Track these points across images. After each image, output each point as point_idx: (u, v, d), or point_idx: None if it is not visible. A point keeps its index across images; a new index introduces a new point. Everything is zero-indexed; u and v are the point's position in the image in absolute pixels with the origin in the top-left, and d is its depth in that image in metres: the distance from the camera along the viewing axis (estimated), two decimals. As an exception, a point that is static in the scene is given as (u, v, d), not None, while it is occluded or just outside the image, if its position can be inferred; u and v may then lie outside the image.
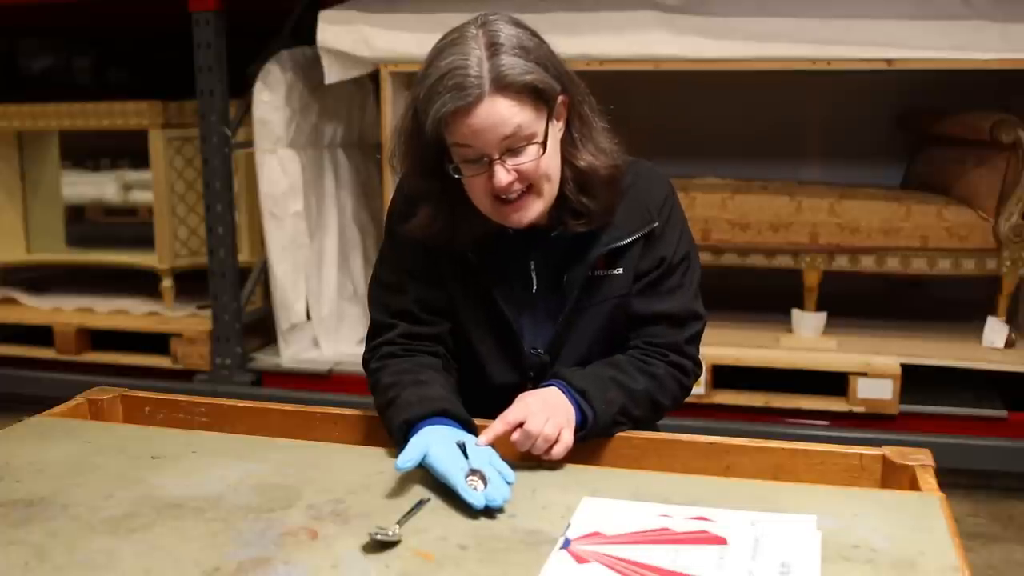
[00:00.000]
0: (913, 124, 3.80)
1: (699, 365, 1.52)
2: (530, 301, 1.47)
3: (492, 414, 1.33)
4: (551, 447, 1.29)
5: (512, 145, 1.30)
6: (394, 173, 1.50)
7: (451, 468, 1.19)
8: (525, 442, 1.29)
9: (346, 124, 3.93)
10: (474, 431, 1.31)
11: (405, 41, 3.27)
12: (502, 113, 1.27)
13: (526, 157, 1.31)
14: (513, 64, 1.27)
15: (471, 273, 1.45)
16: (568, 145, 1.39)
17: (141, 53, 6.00)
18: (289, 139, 3.59)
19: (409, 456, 1.21)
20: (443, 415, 1.30)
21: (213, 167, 3.57)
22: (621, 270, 1.45)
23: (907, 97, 3.82)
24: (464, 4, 2.95)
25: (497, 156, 1.30)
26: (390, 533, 1.07)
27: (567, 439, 1.30)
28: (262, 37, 3.74)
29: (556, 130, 1.37)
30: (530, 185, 1.34)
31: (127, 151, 4.72)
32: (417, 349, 1.46)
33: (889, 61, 3.02)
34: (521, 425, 1.29)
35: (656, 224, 1.45)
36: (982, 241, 3.15)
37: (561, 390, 1.37)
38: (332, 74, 3.42)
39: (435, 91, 1.28)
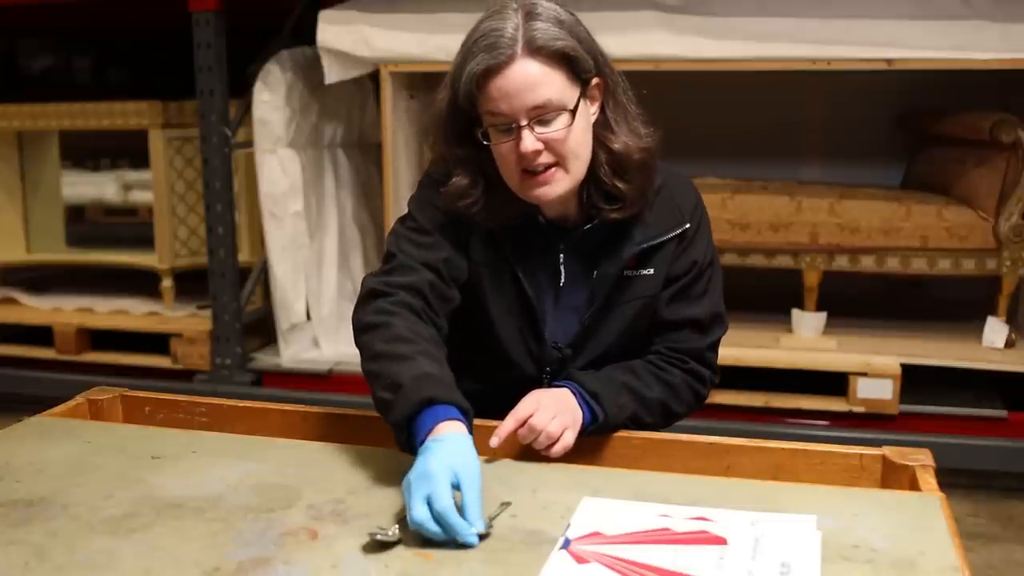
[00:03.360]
0: (913, 124, 3.80)
1: (717, 373, 1.53)
2: (556, 294, 1.47)
3: (504, 409, 1.33)
4: (552, 445, 1.30)
5: (541, 113, 1.31)
6: (429, 149, 1.50)
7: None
8: (528, 435, 1.30)
9: (346, 124, 3.93)
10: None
11: (405, 41, 3.27)
12: (533, 76, 1.29)
13: (555, 126, 1.32)
14: (547, 29, 1.30)
15: (501, 259, 1.45)
16: (602, 128, 1.40)
17: (141, 53, 6.00)
18: (289, 139, 3.59)
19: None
20: (462, 413, 1.23)
21: (213, 167, 3.57)
22: (652, 270, 1.45)
23: (907, 97, 3.82)
24: (464, 4, 2.96)
25: (525, 122, 1.31)
26: (390, 533, 1.07)
27: (568, 440, 1.31)
28: (262, 37, 3.74)
29: (589, 111, 1.37)
30: (557, 161, 1.34)
31: (127, 151, 4.72)
32: (434, 318, 1.38)
33: (889, 61, 3.02)
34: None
35: (688, 226, 1.46)
36: (982, 241, 3.14)
37: (573, 393, 1.37)
38: (332, 74, 3.41)
39: (470, 52, 1.31)
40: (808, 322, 3.32)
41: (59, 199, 4.47)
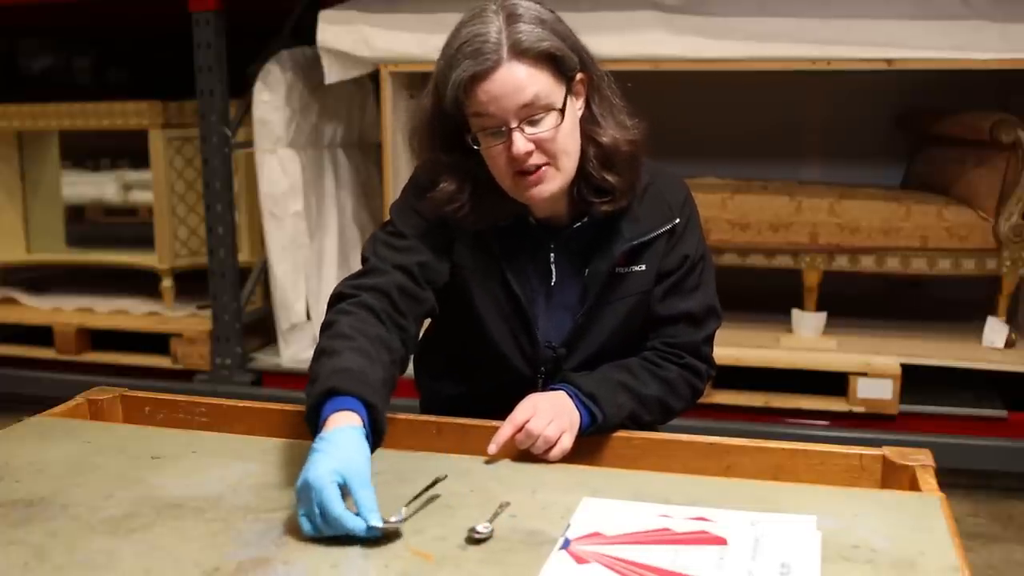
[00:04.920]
0: (913, 124, 3.80)
1: (713, 367, 1.53)
2: (548, 294, 1.47)
3: (500, 411, 1.34)
4: (549, 449, 1.30)
5: (530, 114, 1.31)
6: (413, 155, 1.50)
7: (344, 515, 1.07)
8: (525, 440, 1.30)
9: (346, 124, 3.93)
10: (380, 430, 1.23)
11: (405, 41, 3.27)
12: (520, 79, 1.29)
13: (544, 126, 1.32)
14: (531, 31, 1.30)
15: (490, 261, 1.44)
16: (589, 123, 1.40)
17: (141, 53, 6.00)
18: (289, 139, 3.59)
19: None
20: (365, 405, 1.20)
21: (213, 167, 3.57)
22: (644, 267, 1.46)
23: (907, 97, 3.82)
24: (464, 4, 2.96)
25: (515, 124, 1.31)
26: (395, 519, 1.08)
27: (565, 444, 1.31)
28: (262, 37, 3.74)
29: (575, 107, 1.37)
30: (548, 160, 1.34)
31: (127, 151, 4.72)
32: (397, 319, 1.37)
33: (889, 61, 3.02)
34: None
35: (678, 221, 1.47)
36: (982, 241, 3.14)
37: (569, 395, 1.37)
38: (332, 74, 3.42)
39: (455, 59, 1.30)
40: (808, 322, 3.32)
41: (59, 199, 4.47)
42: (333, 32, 3.35)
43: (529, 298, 1.45)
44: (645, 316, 1.49)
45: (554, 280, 1.47)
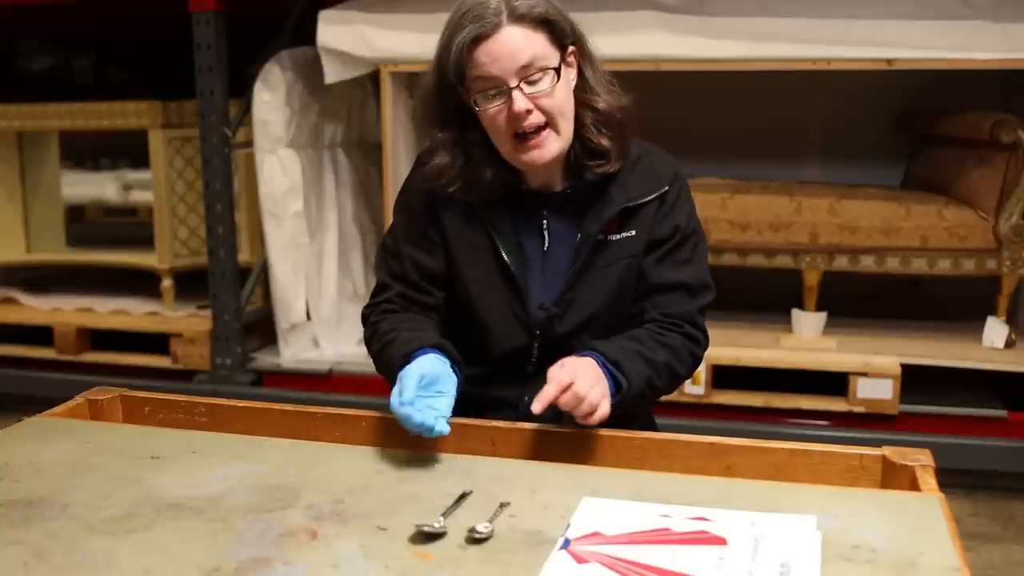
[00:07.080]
0: (913, 124, 3.80)
1: (707, 337, 1.57)
2: (541, 259, 1.52)
3: (497, 389, 1.42)
4: (590, 414, 1.31)
5: (528, 74, 1.40)
6: (417, 132, 1.60)
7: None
8: (572, 402, 1.30)
9: (346, 124, 3.94)
10: (460, 369, 1.40)
11: (405, 41, 3.27)
12: (518, 41, 1.39)
13: (542, 86, 1.41)
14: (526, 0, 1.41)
15: (481, 229, 1.51)
16: (583, 91, 1.49)
17: (141, 53, 6.00)
18: (289, 139, 3.59)
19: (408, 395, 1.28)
20: (437, 348, 1.39)
21: (213, 167, 3.57)
22: (634, 232, 1.51)
23: (907, 97, 3.82)
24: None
25: (515, 84, 1.39)
26: (436, 525, 1.08)
27: (605, 409, 1.33)
28: (262, 37, 3.74)
29: (568, 76, 1.46)
30: (547, 122, 1.42)
31: (127, 151, 4.72)
32: (413, 310, 1.54)
33: (889, 61, 3.03)
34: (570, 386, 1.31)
35: (668, 189, 1.53)
36: (982, 241, 3.15)
37: (596, 362, 1.39)
38: (332, 74, 3.42)
39: (458, 26, 1.41)
40: (808, 322, 3.32)
41: (59, 199, 4.47)
42: (333, 32, 3.35)
43: (521, 263, 1.50)
44: (636, 284, 1.52)
45: (547, 245, 1.52)
